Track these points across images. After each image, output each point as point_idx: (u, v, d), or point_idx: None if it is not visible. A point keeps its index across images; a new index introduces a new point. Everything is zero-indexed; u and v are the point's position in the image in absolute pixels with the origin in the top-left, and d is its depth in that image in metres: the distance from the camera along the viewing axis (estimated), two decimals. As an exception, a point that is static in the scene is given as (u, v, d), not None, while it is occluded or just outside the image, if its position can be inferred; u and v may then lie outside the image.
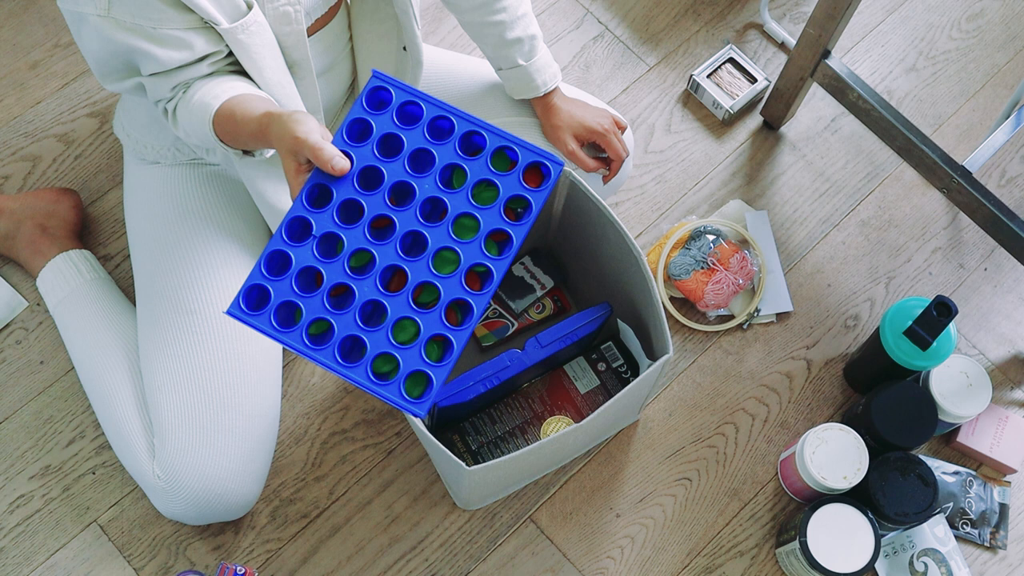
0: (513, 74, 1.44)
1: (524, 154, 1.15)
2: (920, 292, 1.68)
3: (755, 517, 1.53)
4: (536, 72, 1.44)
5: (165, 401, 1.34)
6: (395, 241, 1.11)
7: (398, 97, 1.16)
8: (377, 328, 1.09)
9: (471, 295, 1.10)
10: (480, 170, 1.15)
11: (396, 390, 1.07)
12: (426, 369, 1.08)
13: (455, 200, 1.13)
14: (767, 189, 1.73)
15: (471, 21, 1.42)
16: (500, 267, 1.11)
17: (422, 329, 1.09)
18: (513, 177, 1.15)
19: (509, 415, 1.51)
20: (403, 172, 1.14)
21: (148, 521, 1.47)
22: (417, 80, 1.41)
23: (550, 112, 1.47)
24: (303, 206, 1.11)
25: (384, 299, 1.10)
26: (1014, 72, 1.85)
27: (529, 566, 1.48)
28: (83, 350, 1.46)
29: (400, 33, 1.36)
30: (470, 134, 1.16)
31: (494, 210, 1.13)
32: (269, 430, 1.39)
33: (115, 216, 1.65)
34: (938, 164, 1.52)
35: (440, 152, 1.14)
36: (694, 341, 1.63)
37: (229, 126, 1.17)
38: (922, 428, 1.44)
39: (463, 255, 1.11)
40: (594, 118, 1.48)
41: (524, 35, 1.42)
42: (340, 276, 1.10)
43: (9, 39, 1.76)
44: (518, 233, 1.12)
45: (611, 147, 1.49)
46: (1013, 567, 1.52)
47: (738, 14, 1.86)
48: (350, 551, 1.48)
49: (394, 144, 1.15)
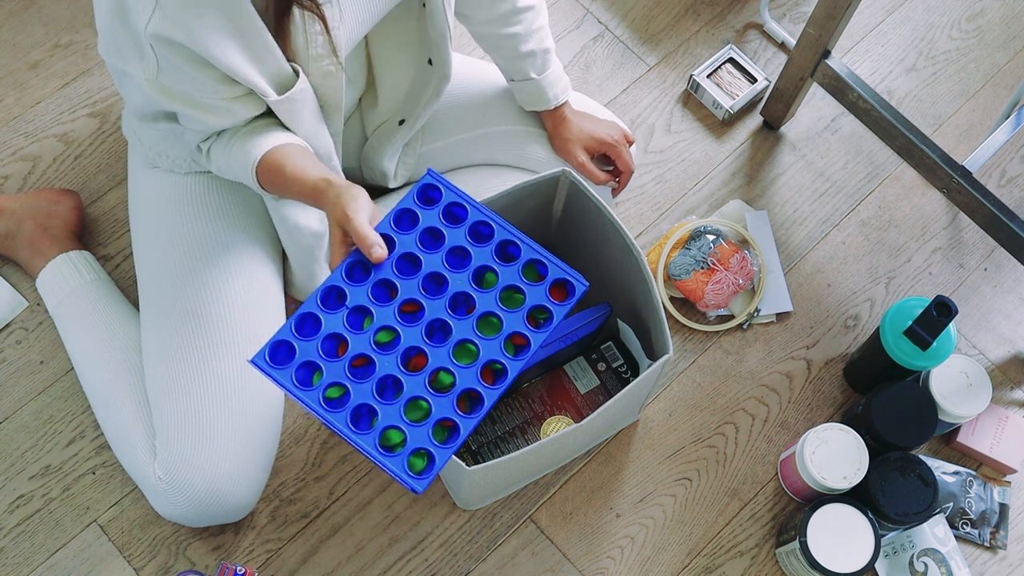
0: (525, 86, 1.45)
1: (553, 270, 1.22)
2: (920, 292, 1.68)
3: (755, 517, 1.53)
4: (548, 86, 1.44)
5: (168, 402, 1.34)
6: (422, 325, 1.18)
7: (447, 197, 1.23)
8: (391, 402, 1.14)
9: (485, 388, 1.16)
10: (511, 276, 1.22)
11: (400, 463, 1.12)
12: (431, 449, 1.12)
13: (484, 299, 1.20)
14: (767, 189, 1.73)
15: (485, 33, 1.42)
16: (514, 368, 1.17)
17: (433, 411, 1.14)
18: (540, 289, 1.21)
19: (509, 415, 1.51)
20: (440, 264, 1.20)
21: (148, 521, 1.47)
22: (440, 92, 1.40)
23: (560, 125, 1.48)
24: (341, 277, 1.17)
25: (403, 377, 1.15)
26: (1014, 72, 1.85)
27: (529, 566, 1.48)
28: (83, 351, 1.46)
29: (423, 45, 1.36)
30: (507, 243, 1.23)
31: (518, 315, 1.20)
32: (271, 433, 1.39)
33: (115, 216, 1.65)
34: (938, 164, 1.52)
35: (477, 253, 1.22)
36: (694, 341, 1.63)
37: (275, 178, 1.21)
38: (922, 428, 1.44)
39: (483, 350, 1.17)
40: (604, 131, 1.48)
41: (538, 48, 1.42)
42: (365, 348, 1.16)
43: (9, 39, 1.76)
44: (536, 340, 1.19)
45: (621, 159, 1.50)
46: (1013, 567, 1.52)
47: (738, 14, 1.86)
48: (350, 551, 1.48)
49: (436, 237, 1.22)
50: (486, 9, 1.38)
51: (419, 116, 1.43)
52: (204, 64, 1.12)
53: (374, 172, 1.52)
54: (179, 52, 1.09)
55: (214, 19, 1.07)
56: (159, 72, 1.12)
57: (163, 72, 1.12)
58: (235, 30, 1.10)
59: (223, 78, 1.15)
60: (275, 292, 1.43)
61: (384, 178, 1.52)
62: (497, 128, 1.51)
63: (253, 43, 1.12)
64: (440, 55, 1.35)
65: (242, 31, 1.10)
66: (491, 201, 1.36)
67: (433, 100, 1.41)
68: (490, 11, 1.38)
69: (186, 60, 1.10)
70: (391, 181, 1.53)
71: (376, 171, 1.51)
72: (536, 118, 1.51)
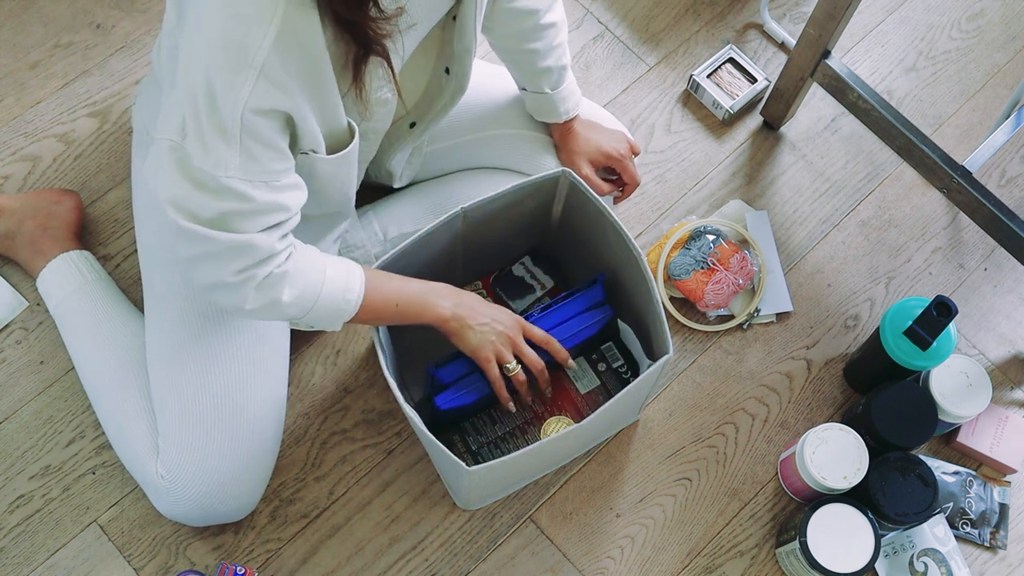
0: (537, 98, 1.44)
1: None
2: (920, 292, 1.68)
3: (755, 517, 1.53)
4: (560, 101, 1.44)
5: (172, 402, 1.34)
6: None
7: None
8: None
9: None
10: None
11: None
12: None
13: None
14: (767, 189, 1.73)
15: (506, 46, 1.41)
16: None
17: None
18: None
19: (509, 415, 1.51)
20: None
21: (148, 521, 1.47)
22: (455, 103, 1.39)
23: (568, 137, 1.48)
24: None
25: None
26: (1014, 72, 1.85)
27: (529, 566, 1.48)
28: (84, 350, 1.46)
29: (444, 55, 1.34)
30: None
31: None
32: (274, 433, 1.39)
33: (115, 216, 1.65)
34: (938, 164, 1.52)
35: None
36: (694, 341, 1.63)
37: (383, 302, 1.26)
38: (922, 428, 1.44)
39: None
40: (610, 143, 1.48)
41: (555, 65, 1.41)
42: None
43: (9, 39, 1.76)
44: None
45: (626, 172, 1.50)
46: (1013, 567, 1.52)
47: (738, 14, 1.86)
48: (350, 551, 1.48)
49: None
50: (511, 24, 1.37)
51: (431, 122, 1.42)
52: (284, 133, 1.07)
53: (380, 171, 1.51)
54: (270, 124, 1.04)
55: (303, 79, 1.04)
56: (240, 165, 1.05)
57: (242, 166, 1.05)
58: (317, 90, 1.06)
59: (284, 156, 1.09)
60: None
61: (389, 178, 1.52)
62: (507, 131, 1.51)
63: (327, 100, 1.09)
64: (461, 68, 1.33)
65: (320, 88, 1.07)
66: (491, 201, 1.37)
67: (447, 108, 1.40)
68: (514, 26, 1.38)
69: (271, 131, 1.05)
70: (396, 181, 1.52)
71: (382, 170, 1.51)
72: (546, 125, 1.51)
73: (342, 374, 1.56)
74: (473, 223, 1.40)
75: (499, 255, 1.56)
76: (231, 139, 1.03)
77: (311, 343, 1.58)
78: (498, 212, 1.41)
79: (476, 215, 1.38)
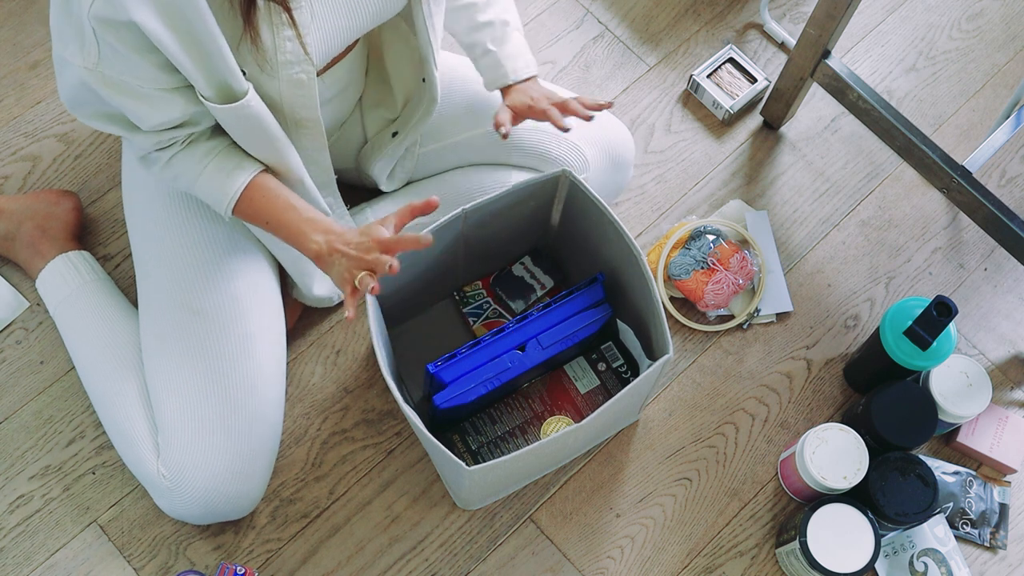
0: (484, 62, 1.39)
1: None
2: (920, 292, 1.68)
3: (755, 517, 1.53)
4: (505, 59, 1.37)
5: (170, 400, 1.34)
6: None
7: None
8: None
9: None
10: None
11: None
12: None
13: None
14: (767, 189, 1.73)
15: (449, 7, 1.39)
16: None
17: None
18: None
19: (509, 415, 1.51)
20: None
21: (148, 521, 1.47)
22: (430, 113, 1.39)
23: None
24: None
25: None
26: (1014, 72, 1.85)
27: (529, 566, 1.48)
28: (84, 351, 1.46)
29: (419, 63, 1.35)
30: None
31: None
32: (273, 429, 1.39)
33: (115, 216, 1.65)
34: (938, 164, 1.52)
35: None
36: (694, 341, 1.63)
37: (256, 216, 1.24)
38: (922, 428, 1.44)
39: None
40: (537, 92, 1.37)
41: (496, 19, 1.37)
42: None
43: (9, 39, 1.76)
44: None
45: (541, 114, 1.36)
46: (1013, 567, 1.52)
47: (738, 14, 1.86)
48: (350, 551, 1.48)
49: None
50: None
51: (409, 132, 1.43)
52: (146, 48, 1.08)
53: (366, 177, 1.52)
54: (121, 35, 1.06)
55: (156, 7, 1.05)
56: (100, 60, 1.09)
57: (104, 60, 1.09)
58: (182, 22, 1.06)
59: (165, 65, 1.11)
60: (276, 292, 1.43)
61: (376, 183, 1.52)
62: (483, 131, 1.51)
63: (201, 40, 1.08)
64: (430, 76, 1.34)
65: (189, 25, 1.07)
66: (491, 201, 1.37)
67: (425, 118, 1.41)
68: None
69: (128, 45, 1.07)
70: (385, 186, 1.52)
71: (369, 175, 1.51)
72: None
73: (342, 374, 1.56)
74: (474, 223, 1.40)
75: (499, 255, 1.56)
76: (87, 39, 1.07)
77: (311, 343, 1.58)
78: (498, 213, 1.41)
79: (477, 216, 1.38)
